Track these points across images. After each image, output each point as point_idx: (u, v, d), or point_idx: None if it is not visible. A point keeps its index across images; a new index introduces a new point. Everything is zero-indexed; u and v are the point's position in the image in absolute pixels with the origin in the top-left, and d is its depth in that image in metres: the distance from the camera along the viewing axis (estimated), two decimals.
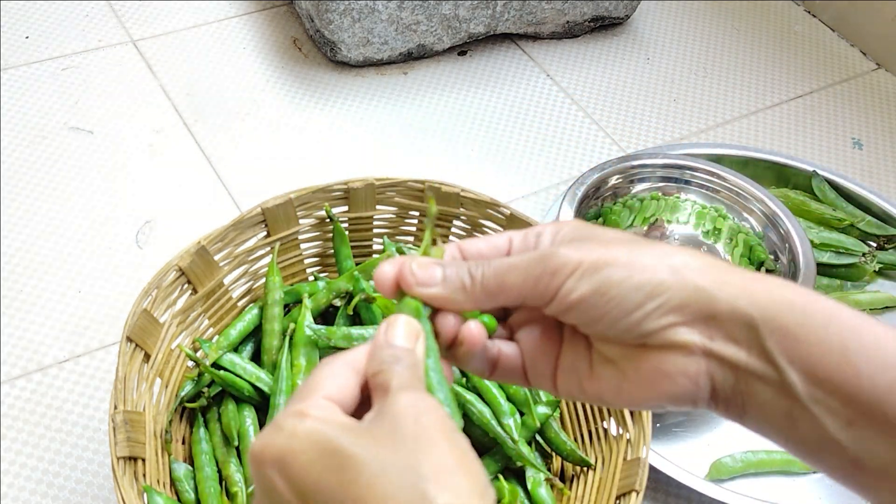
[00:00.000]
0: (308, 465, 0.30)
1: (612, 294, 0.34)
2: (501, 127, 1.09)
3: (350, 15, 1.06)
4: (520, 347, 0.38)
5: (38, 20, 1.17)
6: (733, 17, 1.30)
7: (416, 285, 0.36)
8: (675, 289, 0.34)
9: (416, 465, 0.29)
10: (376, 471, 0.29)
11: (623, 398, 0.36)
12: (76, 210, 0.94)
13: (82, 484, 0.73)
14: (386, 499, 0.29)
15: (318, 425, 0.31)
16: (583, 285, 0.34)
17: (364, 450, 0.30)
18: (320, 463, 0.30)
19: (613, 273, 0.34)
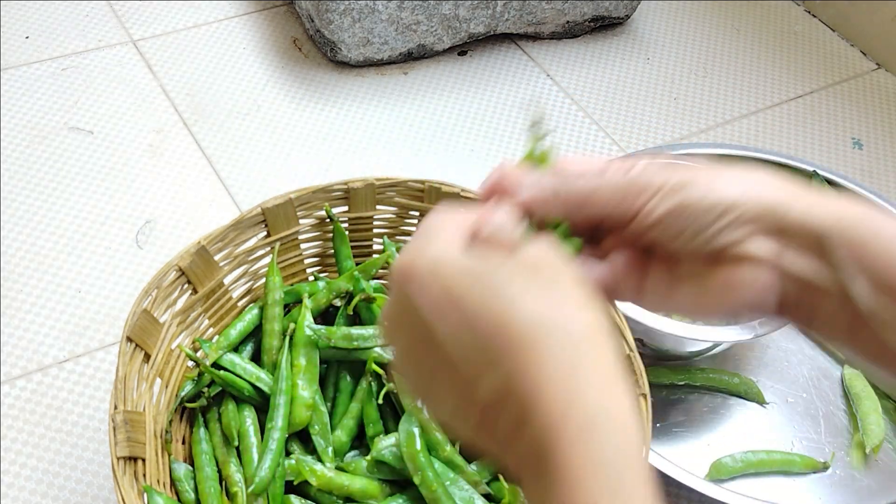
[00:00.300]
0: (455, 276, 0.33)
1: (690, 212, 0.36)
2: (501, 127, 1.09)
3: (350, 15, 1.06)
4: (609, 269, 0.41)
5: (38, 20, 1.17)
6: (733, 17, 1.30)
7: (515, 185, 0.39)
8: (749, 205, 0.36)
9: (553, 294, 0.33)
10: (518, 290, 0.33)
11: (700, 310, 0.39)
12: (76, 210, 0.94)
13: (82, 484, 0.73)
14: (525, 312, 0.32)
15: (458, 253, 0.34)
16: (664, 204, 0.37)
17: (507, 275, 0.33)
18: (468, 275, 0.33)
19: (692, 192, 0.37)
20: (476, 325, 0.32)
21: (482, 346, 0.32)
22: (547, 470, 0.30)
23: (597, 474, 0.30)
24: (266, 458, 0.61)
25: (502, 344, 0.32)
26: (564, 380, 0.31)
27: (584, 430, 0.30)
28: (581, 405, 0.31)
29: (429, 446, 0.63)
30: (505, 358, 0.32)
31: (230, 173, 1.00)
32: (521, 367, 0.31)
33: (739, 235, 0.36)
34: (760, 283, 0.37)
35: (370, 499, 0.62)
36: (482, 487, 0.63)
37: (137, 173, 0.99)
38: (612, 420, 0.31)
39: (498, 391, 0.32)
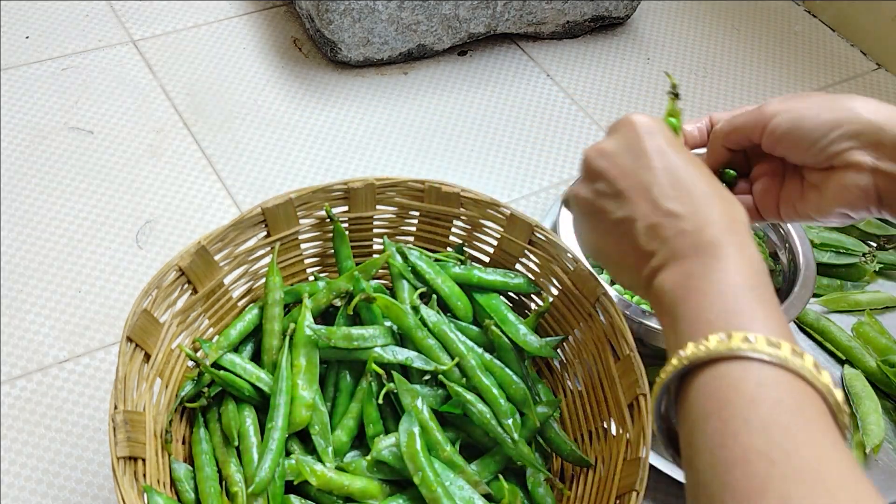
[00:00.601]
0: (677, 147, 0.49)
1: (805, 127, 0.49)
2: (501, 127, 1.09)
3: (350, 15, 1.06)
4: (755, 192, 0.55)
5: (38, 20, 1.17)
6: (733, 17, 1.30)
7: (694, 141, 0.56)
8: (852, 123, 0.48)
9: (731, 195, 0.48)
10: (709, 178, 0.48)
11: (822, 211, 0.52)
12: (76, 210, 0.94)
13: (82, 484, 0.73)
14: (712, 184, 0.48)
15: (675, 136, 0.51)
16: (784, 123, 0.50)
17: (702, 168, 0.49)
18: (685, 154, 0.49)
19: (807, 113, 0.49)
20: (678, 173, 0.48)
21: (678, 184, 0.47)
22: (713, 250, 0.44)
23: (744, 263, 0.43)
24: (266, 458, 0.61)
25: (698, 191, 0.47)
26: (739, 223, 0.46)
27: (742, 242, 0.44)
28: (739, 231, 0.45)
29: (429, 446, 0.63)
30: (696, 196, 0.46)
31: (230, 173, 1.00)
32: (707, 203, 0.46)
33: (844, 147, 0.49)
34: (864, 184, 0.49)
35: (370, 499, 0.62)
36: (482, 487, 0.63)
37: (137, 173, 0.99)
38: (754, 249, 0.45)
39: (689, 210, 0.46)
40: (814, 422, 0.37)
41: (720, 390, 0.39)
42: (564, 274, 0.69)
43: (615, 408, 0.64)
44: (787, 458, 0.35)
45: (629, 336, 0.64)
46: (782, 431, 0.36)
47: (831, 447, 0.36)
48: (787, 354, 0.39)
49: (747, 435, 0.37)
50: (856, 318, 0.89)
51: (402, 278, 0.71)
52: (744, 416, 0.37)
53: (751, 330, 0.40)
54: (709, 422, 0.39)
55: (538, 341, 0.70)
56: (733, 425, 0.37)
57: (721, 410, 0.38)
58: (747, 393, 0.38)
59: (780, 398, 0.38)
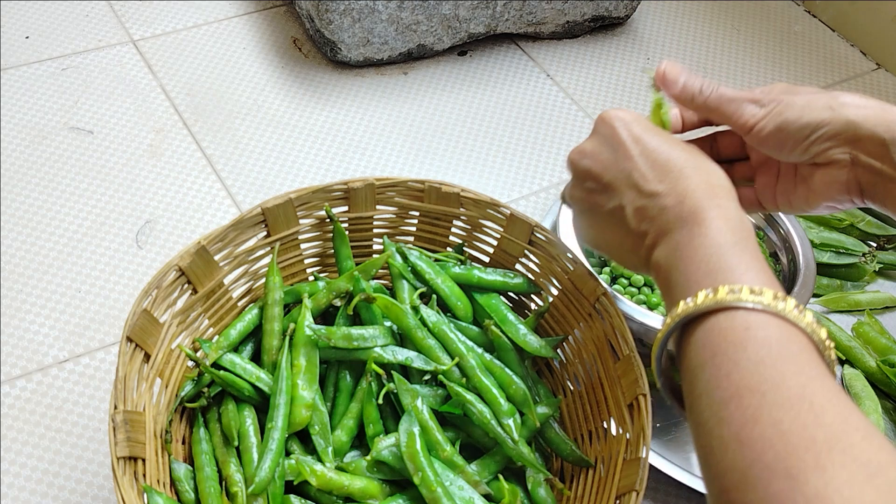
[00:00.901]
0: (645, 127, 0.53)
1: (789, 130, 0.52)
2: (501, 127, 1.09)
3: (350, 15, 1.06)
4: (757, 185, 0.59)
5: (38, 20, 1.17)
6: (733, 17, 1.30)
7: (665, 79, 0.58)
8: (832, 124, 0.51)
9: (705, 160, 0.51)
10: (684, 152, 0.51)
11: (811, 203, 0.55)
12: (76, 210, 0.94)
13: (82, 484, 0.73)
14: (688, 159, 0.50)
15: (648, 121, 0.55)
16: (769, 125, 0.53)
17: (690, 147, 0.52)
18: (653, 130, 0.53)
19: (789, 115, 0.52)
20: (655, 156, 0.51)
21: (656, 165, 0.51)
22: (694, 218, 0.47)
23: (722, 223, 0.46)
24: (266, 458, 0.61)
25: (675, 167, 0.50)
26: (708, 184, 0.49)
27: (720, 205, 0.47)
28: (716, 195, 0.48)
29: (429, 446, 0.63)
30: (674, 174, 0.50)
31: (230, 173, 1.00)
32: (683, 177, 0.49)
33: (825, 147, 0.52)
34: (845, 179, 0.52)
35: (370, 499, 0.62)
36: (482, 487, 0.63)
37: (137, 173, 0.99)
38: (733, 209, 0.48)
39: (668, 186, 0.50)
40: (798, 356, 0.40)
41: (711, 340, 0.43)
42: (564, 274, 0.69)
43: (615, 408, 0.64)
44: (775, 389, 0.39)
45: (629, 336, 0.64)
46: (769, 367, 0.40)
47: (816, 376, 0.39)
48: (770, 300, 0.42)
49: (738, 374, 0.40)
50: (856, 318, 0.89)
51: (402, 278, 0.71)
52: (734, 358, 0.41)
53: (735, 282, 0.43)
54: (704, 370, 0.42)
55: (538, 341, 0.70)
56: (725, 368, 0.41)
57: (714, 357, 0.42)
58: (735, 338, 0.42)
59: (765, 338, 0.41)
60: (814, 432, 0.36)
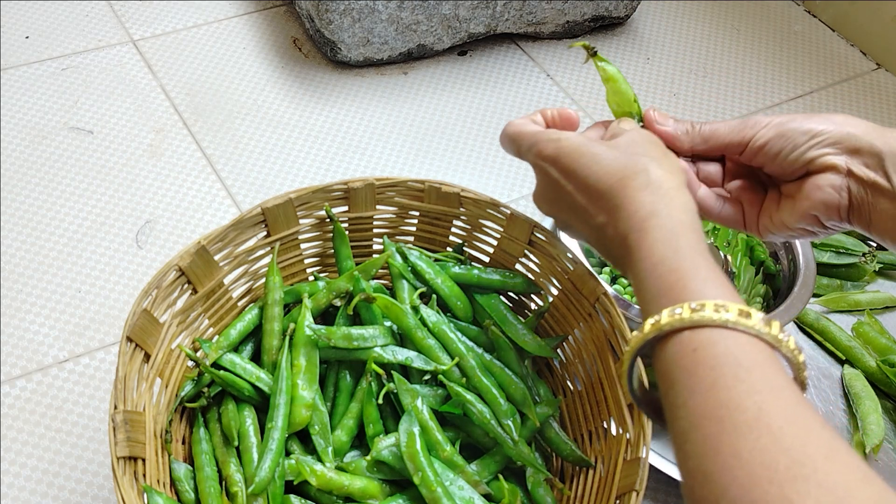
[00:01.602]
0: (569, 157, 0.52)
1: (788, 135, 0.53)
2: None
3: (350, 15, 1.06)
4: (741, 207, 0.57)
5: (38, 20, 1.17)
6: (733, 17, 1.30)
7: (655, 123, 0.58)
8: (832, 132, 0.52)
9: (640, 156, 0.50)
10: (614, 156, 0.51)
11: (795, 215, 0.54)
12: (76, 210, 0.94)
13: (82, 484, 0.73)
14: (618, 168, 0.50)
15: (574, 136, 0.54)
16: (768, 133, 0.53)
17: (607, 148, 0.52)
18: (578, 153, 0.52)
19: (792, 124, 0.53)
20: (587, 185, 0.51)
21: (591, 196, 0.51)
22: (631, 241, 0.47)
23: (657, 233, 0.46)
24: (266, 458, 0.61)
25: (605, 192, 0.50)
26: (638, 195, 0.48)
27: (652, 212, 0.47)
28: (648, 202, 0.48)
29: (429, 446, 0.63)
30: (605, 200, 0.50)
31: (230, 173, 1.00)
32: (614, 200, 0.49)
33: (823, 152, 0.52)
34: (836, 185, 0.52)
35: (370, 499, 0.62)
36: (482, 487, 0.63)
37: (137, 173, 0.99)
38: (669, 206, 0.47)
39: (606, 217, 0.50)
40: (751, 371, 0.38)
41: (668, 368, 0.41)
42: (564, 274, 0.69)
43: (615, 408, 0.64)
44: (730, 414, 0.37)
45: (629, 336, 0.64)
46: (723, 390, 0.38)
47: (772, 391, 0.37)
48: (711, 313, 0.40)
49: (693, 401, 0.39)
50: (856, 318, 0.89)
51: (402, 278, 0.71)
52: (688, 385, 0.40)
53: (680, 298, 0.42)
54: (667, 397, 0.41)
55: (538, 341, 0.70)
56: (682, 396, 0.40)
57: (672, 385, 0.41)
58: (687, 362, 0.40)
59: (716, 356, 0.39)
60: (775, 459, 0.35)
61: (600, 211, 0.50)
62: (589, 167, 0.51)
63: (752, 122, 0.55)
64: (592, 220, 0.51)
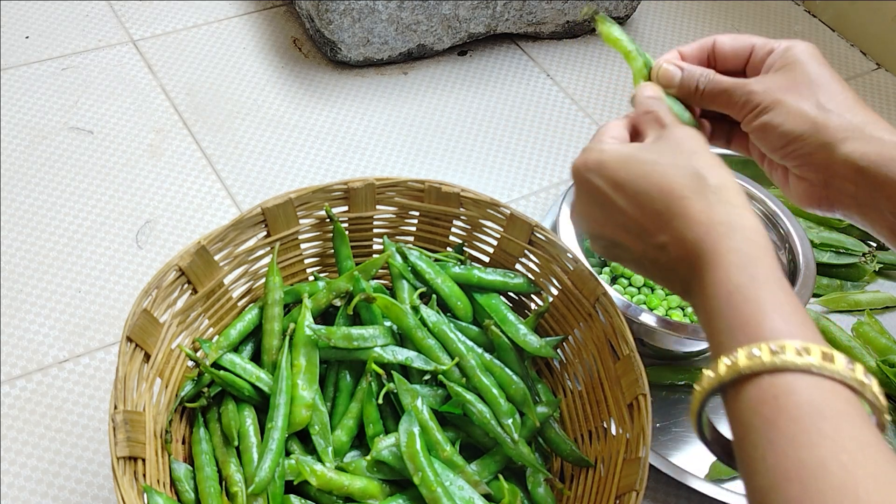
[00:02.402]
0: (617, 166, 0.48)
1: (769, 135, 0.51)
2: (501, 127, 1.09)
3: (350, 15, 1.06)
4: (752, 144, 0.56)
5: (38, 20, 1.17)
6: (733, 17, 1.30)
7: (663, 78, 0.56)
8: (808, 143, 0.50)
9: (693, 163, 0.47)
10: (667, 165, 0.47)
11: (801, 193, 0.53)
12: (76, 210, 0.94)
13: (82, 484, 0.73)
14: (675, 179, 0.46)
15: (619, 146, 0.50)
16: (755, 122, 0.52)
17: (656, 155, 0.48)
18: (626, 164, 0.48)
19: (774, 118, 0.51)
20: (641, 201, 0.47)
21: (648, 212, 0.47)
22: (701, 263, 0.44)
23: (733, 256, 0.43)
24: (266, 458, 0.61)
25: (664, 211, 0.46)
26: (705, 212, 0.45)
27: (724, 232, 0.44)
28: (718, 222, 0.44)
29: (429, 446, 0.63)
30: (665, 218, 0.46)
31: (230, 173, 1.00)
32: (677, 217, 0.45)
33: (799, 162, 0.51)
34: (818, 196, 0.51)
35: (370, 499, 0.62)
36: (482, 487, 0.63)
37: (137, 173, 0.99)
38: (742, 227, 0.44)
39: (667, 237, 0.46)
40: (838, 424, 0.36)
41: (745, 415, 0.38)
42: (564, 274, 0.69)
43: (615, 408, 0.64)
44: (814, 476, 0.35)
45: (629, 336, 0.64)
46: (806, 448, 0.36)
47: (859, 449, 0.35)
48: (793, 357, 0.37)
49: (774, 457, 0.36)
50: (856, 318, 0.89)
51: (402, 278, 0.71)
52: (769, 437, 0.37)
53: (758, 336, 0.39)
54: (743, 446, 0.38)
55: (538, 341, 0.70)
56: (761, 448, 0.37)
57: (749, 433, 0.38)
58: (767, 411, 0.37)
59: (798, 405, 0.37)
60: None
61: (659, 230, 0.47)
62: (642, 179, 0.47)
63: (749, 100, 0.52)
64: (652, 240, 0.47)
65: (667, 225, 0.46)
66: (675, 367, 0.82)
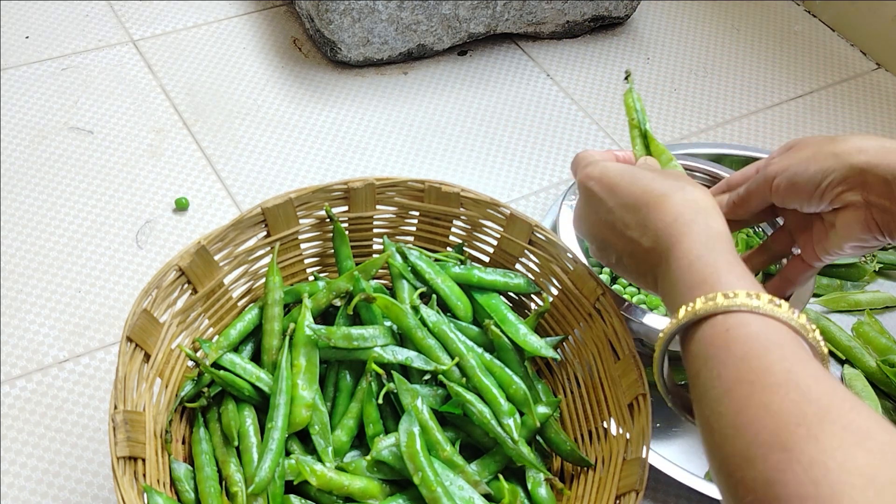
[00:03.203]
0: (615, 174, 0.56)
1: (800, 183, 0.56)
2: (501, 127, 1.09)
3: (350, 15, 1.06)
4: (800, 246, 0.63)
5: (38, 20, 1.17)
6: (733, 17, 1.30)
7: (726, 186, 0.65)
8: (837, 172, 0.54)
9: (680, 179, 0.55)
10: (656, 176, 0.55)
11: (840, 246, 0.58)
12: (76, 210, 0.94)
13: (82, 484, 0.73)
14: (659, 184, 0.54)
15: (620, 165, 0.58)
16: (783, 183, 0.57)
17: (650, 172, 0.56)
18: (622, 174, 0.56)
19: (797, 169, 0.56)
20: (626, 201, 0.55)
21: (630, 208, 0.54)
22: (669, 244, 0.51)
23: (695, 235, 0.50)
24: (266, 458, 0.61)
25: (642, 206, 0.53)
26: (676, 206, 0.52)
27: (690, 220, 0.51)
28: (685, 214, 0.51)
29: (429, 446, 0.63)
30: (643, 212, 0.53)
31: (230, 173, 1.00)
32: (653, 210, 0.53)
33: (838, 191, 0.55)
34: (862, 218, 0.55)
35: (370, 499, 0.62)
36: (482, 487, 0.63)
37: (137, 173, 0.99)
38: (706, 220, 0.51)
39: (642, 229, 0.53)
40: (779, 345, 0.43)
41: (700, 348, 0.45)
42: (564, 274, 0.69)
43: (615, 408, 0.64)
44: (761, 377, 0.41)
45: (629, 336, 0.64)
46: (754, 359, 0.42)
47: (799, 360, 0.42)
48: (743, 299, 0.45)
49: (726, 371, 0.43)
50: (856, 318, 0.89)
51: (402, 278, 0.71)
52: (721, 358, 0.44)
53: (710, 290, 0.46)
54: (699, 376, 0.45)
55: (538, 341, 0.70)
56: (715, 369, 0.44)
57: (705, 363, 0.45)
58: (719, 341, 0.45)
59: (746, 335, 0.44)
60: (803, 408, 0.39)
61: (637, 224, 0.54)
62: (631, 184, 0.55)
63: (769, 174, 0.58)
64: (627, 233, 0.54)
65: (644, 218, 0.53)
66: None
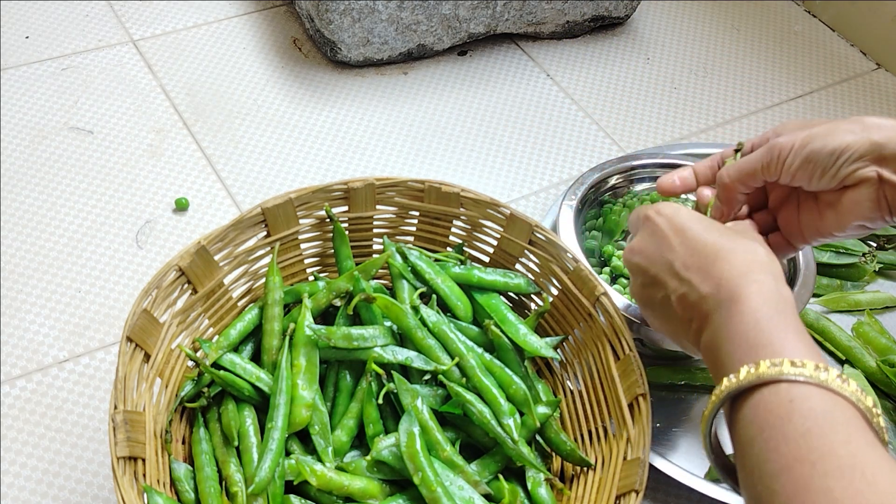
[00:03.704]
0: (688, 218, 0.55)
1: (817, 161, 0.55)
2: (501, 127, 1.09)
3: (350, 15, 1.06)
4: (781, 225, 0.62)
5: (38, 20, 1.17)
6: (733, 17, 1.30)
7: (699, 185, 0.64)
8: (857, 145, 0.53)
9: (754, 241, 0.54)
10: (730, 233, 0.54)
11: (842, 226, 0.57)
12: (76, 210, 0.94)
13: (82, 484, 0.73)
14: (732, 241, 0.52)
15: (695, 212, 0.57)
16: (797, 160, 0.56)
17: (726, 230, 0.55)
18: (695, 220, 0.55)
19: (815, 145, 0.55)
20: (694, 245, 0.54)
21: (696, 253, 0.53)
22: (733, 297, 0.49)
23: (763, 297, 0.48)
24: (266, 458, 0.61)
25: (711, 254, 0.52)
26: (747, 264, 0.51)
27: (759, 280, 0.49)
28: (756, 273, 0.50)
29: (429, 446, 0.63)
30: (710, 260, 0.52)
31: (230, 173, 1.00)
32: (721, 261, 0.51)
33: (854, 168, 0.54)
34: (874, 196, 0.54)
35: (370, 499, 0.62)
36: (482, 487, 0.63)
37: (137, 173, 0.99)
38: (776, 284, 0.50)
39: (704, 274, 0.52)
40: (845, 425, 0.41)
41: (758, 415, 0.43)
42: (564, 274, 0.69)
43: (615, 408, 0.64)
44: (824, 458, 0.39)
45: (629, 336, 0.64)
46: (817, 437, 0.40)
47: (865, 444, 0.39)
48: (811, 371, 0.43)
49: (786, 447, 0.41)
50: (856, 318, 0.89)
51: (402, 278, 0.71)
52: (781, 431, 0.41)
53: (775, 355, 0.44)
54: (753, 445, 0.43)
55: (538, 341, 0.70)
56: (773, 441, 0.41)
57: (762, 432, 0.42)
58: (781, 411, 0.42)
59: (810, 409, 0.42)
60: (867, 499, 0.37)
61: (699, 269, 0.52)
62: (702, 231, 0.54)
63: (776, 149, 0.56)
64: (685, 274, 0.53)
65: (710, 265, 0.52)
66: (675, 367, 0.82)
